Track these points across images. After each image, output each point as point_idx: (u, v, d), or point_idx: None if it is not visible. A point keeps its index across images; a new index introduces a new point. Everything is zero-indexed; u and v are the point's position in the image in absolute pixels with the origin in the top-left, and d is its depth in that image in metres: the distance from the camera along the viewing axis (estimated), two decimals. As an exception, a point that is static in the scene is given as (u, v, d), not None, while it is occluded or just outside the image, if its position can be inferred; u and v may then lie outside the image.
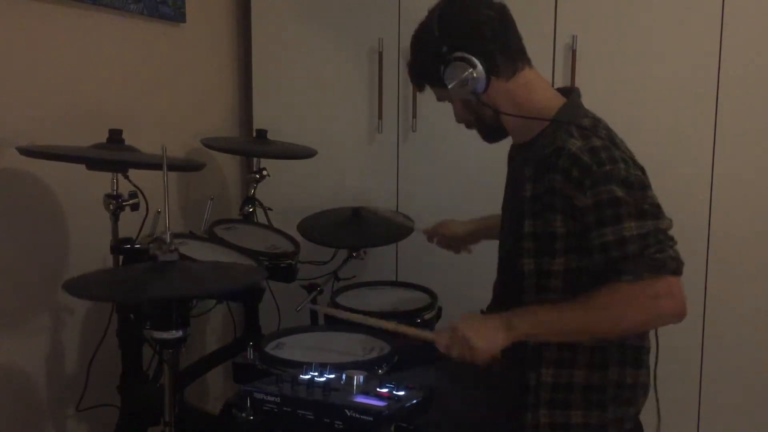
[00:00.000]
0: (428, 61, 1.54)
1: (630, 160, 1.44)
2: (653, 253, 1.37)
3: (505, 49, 1.52)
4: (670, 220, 1.43)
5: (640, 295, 1.37)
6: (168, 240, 1.37)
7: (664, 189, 1.47)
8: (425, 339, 1.54)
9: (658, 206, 1.42)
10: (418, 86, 1.65)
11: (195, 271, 1.47)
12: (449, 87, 1.51)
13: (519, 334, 1.44)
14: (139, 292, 1.37)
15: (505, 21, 1.54)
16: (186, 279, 1.39)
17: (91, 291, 1.39)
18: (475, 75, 1.49)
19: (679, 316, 1.39)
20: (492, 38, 1.51)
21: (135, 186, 1.70)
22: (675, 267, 1.38)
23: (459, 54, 1.49)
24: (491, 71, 1.50)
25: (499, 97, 1.53)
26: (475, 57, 1.49)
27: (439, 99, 1.64)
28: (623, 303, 1.39)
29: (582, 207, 1.40)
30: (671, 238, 1.41)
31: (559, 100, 1.54)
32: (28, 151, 1.55)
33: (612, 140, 1.46)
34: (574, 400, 1.47)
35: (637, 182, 1.41)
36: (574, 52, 2.31)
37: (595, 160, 1.39)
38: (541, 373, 1.48)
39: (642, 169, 1.47)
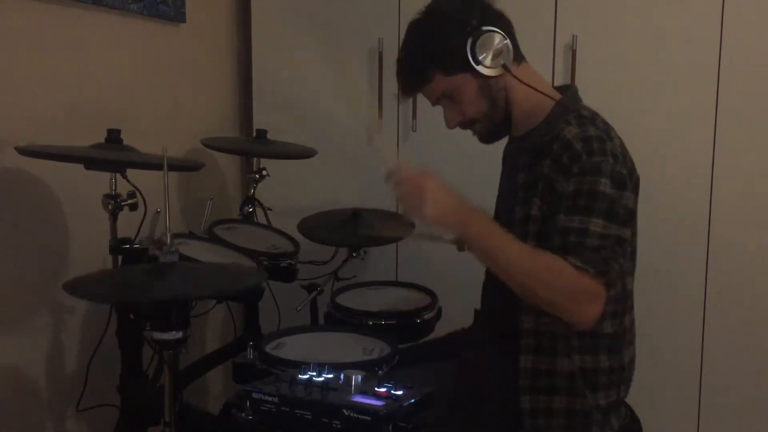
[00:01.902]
0: (452, 37, 1.49)
1: (620, 156, 1.44)
2: (605, 257, 1.36)
3: (513, 33, 1.54)
4: (631, 232, 1.43)
5: (576, 282, 1.34)
6: (168, 241, 1.37)
7: (664, 189, 1.48)
8: (388, 163, 1.46)
9: (630, 212, 1.42)
10: (422, 82, 1.56)
11: (195, 273, 1.46)
12: (483, 59, 1.47)
13: (467, 232, 1.39)
14: (140, 293, 1.37)
15: (505, 16, 1.55)
16: (186, 280, 1.38)
17: (91, 292, 1.39)
18: (507, 46, 1.48)
19: (587, 323, 1.38)
20: (506, 22, 1.53)
21: (133, 186, 1.70)
22: (611, 281, 1.38)
23: (490, 27, 1.48)
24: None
25: (510, 83, 1.53)
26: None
27: (439, 99, 1.59)
28: (561, 278, 1.35)
29: (561, 191, 1.40)
30: (623, 253, 1.41)
31: (558, 94, 1.56)
32: (27, 151, 1.55)
33: (608, 133, 1.47)
34: (558, 387, 1.48)
35: (620, 180, 1.41)
36: (574, 52, 2.31)
37: (586, 150, 1.39)
38: (520, 359, 1.49)
39: (630, 169, 1.47)
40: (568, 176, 1.39)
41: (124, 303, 1.66)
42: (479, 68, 1.49)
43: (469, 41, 1.47)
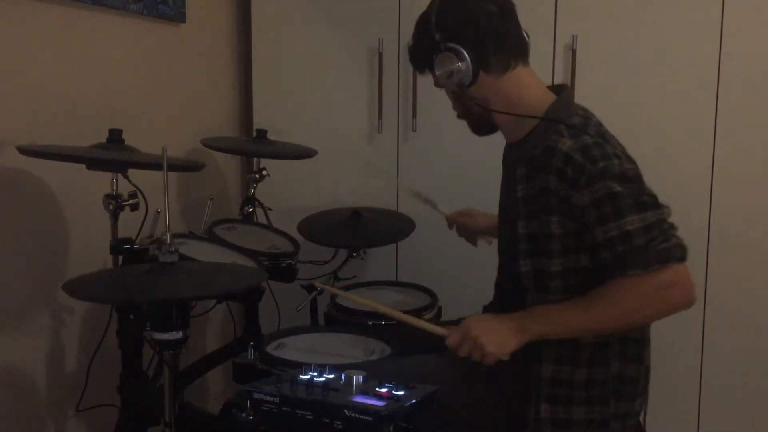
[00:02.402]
0: (423, 48, 1.55)
1: (623, 155, 1.45)
2: (659, 244, 1.37)
3: (499, 45, 1.52)
4: (669, 207, 1.43)
5: (649, 287, 1.38)
6: (168, 241, 1.37)
7: (664, 188, 1.47)
8: (435, 333, 1.53)
9: (655, 196, 1.43)
10: (419, 70, 1.65)
11: (195, 272, 1.46)
12: (437, 75, 1.52)
13: (531, 335, 1.45)
14: (140, 293, 1.37)
15: (505, 17, 1.53)
16: (186, 280, 1.38)
17: (91, 292, 1.38)
18: (462, 68, 1.49)
19: (688, 303, 1.41)
20: (487, 33, 1.51)
21: (135, 186, 1.70)
22: (681, 254, 1.38)
23: (450, 45, 1.49)
24: (482, 65, 1.50)
25: (488, 92, 1.53)
26: (467, 49, 1.49)
27: (436, 84, 1.63)
28: (633, 297, 1.40)
29: (581, 206, 1.40)
30: (673, 226, 1.41)
31: (550, 98, 1.54)
32: (28, 151, 1.55)
33: (602, 136, 1.46)
34: (577, 396, 1.48)
35: (632, 175, 1.41)
36: (574, 52, 2.31)
37: (587, 158, 1.39)
38: (541, 368, 1.49)
39: (635, 163, 1.47)
40: (579, 189, 1.39)
41: (124, 303, 1.66)
42: (439, 82, 1.54)
43: (433, 56, 1.51)
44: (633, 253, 1.37)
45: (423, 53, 1.56)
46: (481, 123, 1.62)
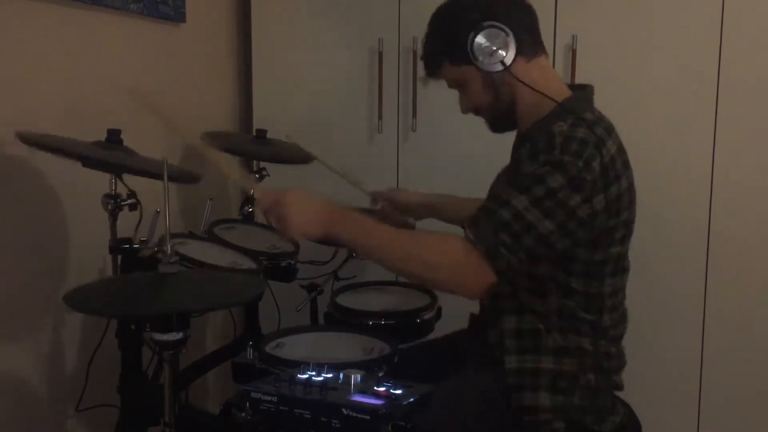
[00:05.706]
0: (457, 29, 1.51)
1: (599, 167, 1.39)
2: (503, 240, 1.37)
3: (530, 26, 1.54)
4: (570, 241, 1.41)
5: (460, 250, 1.39)
6: (168, 251, 1.37)
7: (664, 189, 1.48)
8: (245, 190, 1.54)
9: (570, 217, 1.37)
10: (433, 68, 1.60)
11: (196, 285, 1.45)
12: (478, 54, 1.48)
13: (335, 235, 1.47)
14: (139, 308, 1.37)
15: (529, 5, 1.56)
16: (187, 294, 1.38)
17: (91, 305, 1.38)
18: (507, 42, 1.48)
19: (470, 291, 1.43)
20: (521, 12, 1.53)
21: (130, 190, 1.70)
22: (501, 265, 1.38)
23: (491, 22, 1.48)
24: (518, 45, 1.50)
25: (519, 76, 1.52)
26: (506, 27, 1.48)
27: (451, 84, 1.61)
28: (440, 251, 1.42)
29: (520, 172, 1.42)
30: (534, 250, 1.39)
31: (567, 92, 1.55)
32: (26, 139, 1.54)
33: (601, 141, 1.42)
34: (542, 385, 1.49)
35: (577, 184, 1.37)
36: (574, 51, 2.31)
37: (562, 146, 1.39)
38: (504, 360, 1.50)
39: (609, 182, 1.41)
40: (534, 162, 1.40)
41: (124, 318, 1.66)
42: (477, 63, 1.50)
43: (470, 36, 1.48)
44: (484, 218, 1.38)
45: (454, 37, 1.51)
46: (503, 117, 1.60)
